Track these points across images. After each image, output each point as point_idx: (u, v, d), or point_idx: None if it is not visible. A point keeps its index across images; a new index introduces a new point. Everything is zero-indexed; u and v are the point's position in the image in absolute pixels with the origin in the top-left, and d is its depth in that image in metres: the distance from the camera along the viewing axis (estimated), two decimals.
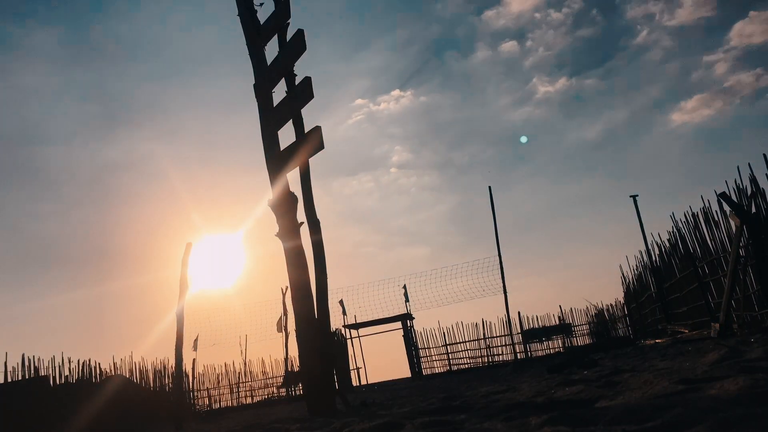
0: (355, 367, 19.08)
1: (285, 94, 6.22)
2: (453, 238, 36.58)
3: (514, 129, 38.05)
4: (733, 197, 7.85)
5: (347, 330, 19.19)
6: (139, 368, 15.52)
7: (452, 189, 39.90)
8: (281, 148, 6.15)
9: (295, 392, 16.87)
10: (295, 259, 5.62)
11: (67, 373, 13.23)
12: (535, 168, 39.71)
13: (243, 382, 19.48)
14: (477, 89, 38.75)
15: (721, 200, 8.04)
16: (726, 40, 33.96)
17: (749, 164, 7.69)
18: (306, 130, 5.90)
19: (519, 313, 18.61)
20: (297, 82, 6.05)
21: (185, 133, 38.51)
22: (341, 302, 18.70)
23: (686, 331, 10.76)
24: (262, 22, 6.58)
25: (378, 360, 24.67)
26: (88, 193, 36.74)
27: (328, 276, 5.70)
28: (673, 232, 11.45)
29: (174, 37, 37.06)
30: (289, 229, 5.76)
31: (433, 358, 19.91)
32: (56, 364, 13.11)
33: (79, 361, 13.63)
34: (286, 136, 6.22)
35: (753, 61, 32.84)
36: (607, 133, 38.16)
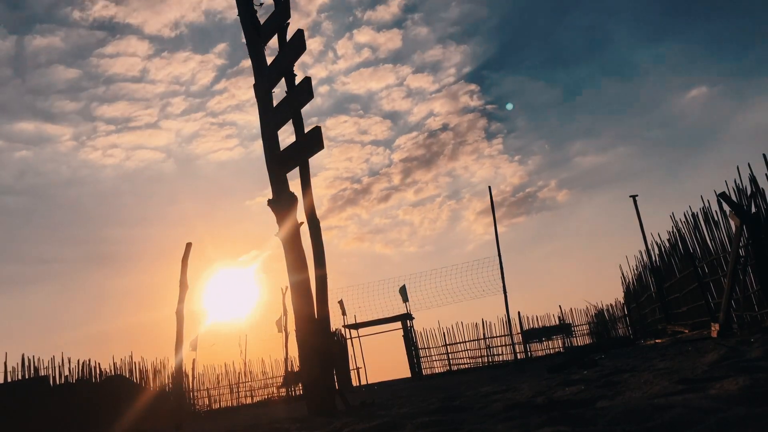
0: (355, 367, 19.10)
1: (285, 94, 6.22)
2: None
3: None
4: (733, 197, 7.84)
5: (347, 330, 19.18)
6: (139, 368, 15.51)
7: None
8: (281, 149, 6.16)
9: (295, 392, 16.87)
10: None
11: (67, 373, 13.25)
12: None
13: (243, 382, 19.49)
14: None
15: (721, 200, 8.04)
16: None
17: (749, 164, 7.70)
18: (306, 130, 5.91)
19: (519, 313, 18.65)
20: (297, 82, 6.06)
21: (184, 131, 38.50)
22: (341, 302, 18.69)
23: (686, 331, 10.75)
24: (262, 23, 6.58)
25: (378, 360, 24.68)
26: (89, 193, 36.77)
27: (328, 275, 5.79)
28: (673, 232, 11.45)
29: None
30: (288, 230, 5.78)
31: (433, 358, 19.92)
32: (56, 364, 13.13)
33: (79, 361, 13.64)
34: (286, 136, 6.24)
35: None
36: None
